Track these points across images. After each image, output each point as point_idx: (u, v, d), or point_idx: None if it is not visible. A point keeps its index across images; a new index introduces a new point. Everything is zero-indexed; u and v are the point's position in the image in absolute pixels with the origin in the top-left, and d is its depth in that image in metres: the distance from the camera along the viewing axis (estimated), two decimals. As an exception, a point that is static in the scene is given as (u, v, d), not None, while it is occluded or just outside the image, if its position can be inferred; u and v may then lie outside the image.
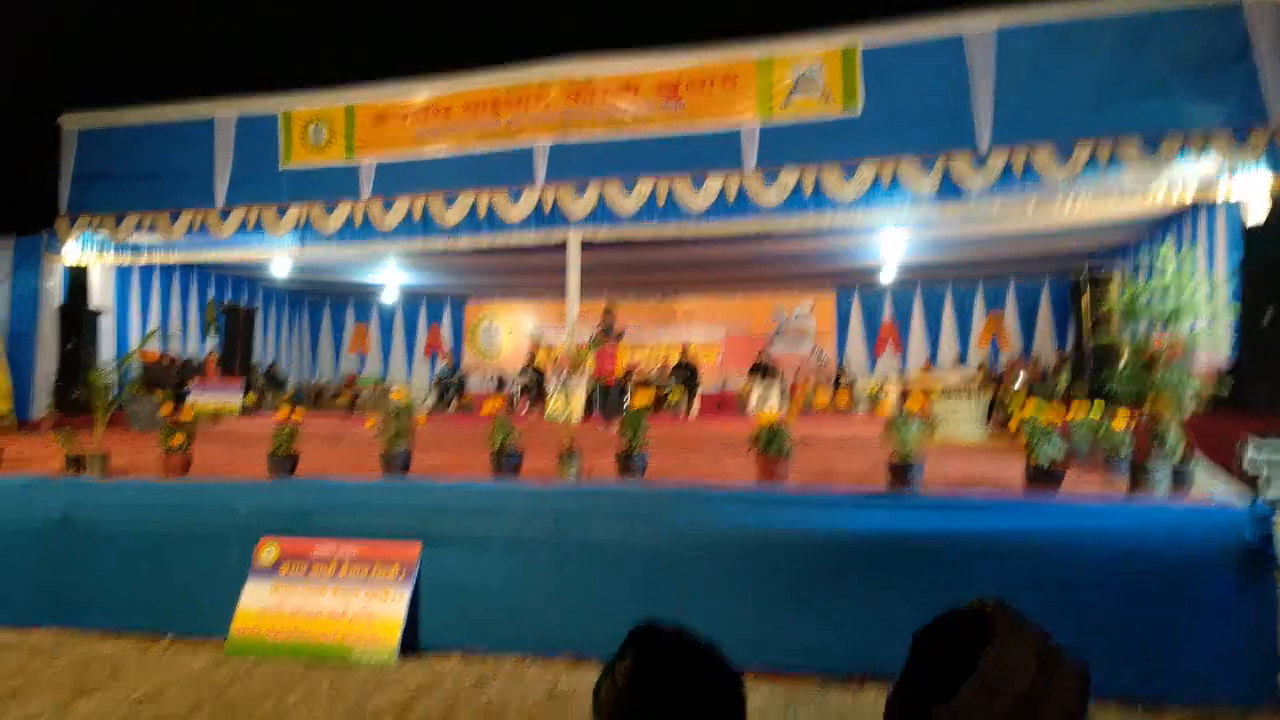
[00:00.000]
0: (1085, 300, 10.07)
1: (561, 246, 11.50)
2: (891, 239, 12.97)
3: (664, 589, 4.35)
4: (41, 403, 12.75)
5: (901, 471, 4.62)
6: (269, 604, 4.54)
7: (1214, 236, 9.98)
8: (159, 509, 5.06)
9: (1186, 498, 4.39)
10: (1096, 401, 5.99)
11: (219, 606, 4.49)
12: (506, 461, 4.95)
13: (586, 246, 11.60)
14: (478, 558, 4.54)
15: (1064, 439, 4.94)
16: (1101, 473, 5.43)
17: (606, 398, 11.60)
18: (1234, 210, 9.75)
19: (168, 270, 15.08)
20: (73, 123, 13.14)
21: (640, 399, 5.03)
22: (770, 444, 4.71)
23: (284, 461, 5.18)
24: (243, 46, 16.09)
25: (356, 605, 4.40)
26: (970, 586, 4.22)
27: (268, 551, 4.54)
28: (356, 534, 4.74)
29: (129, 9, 15.90)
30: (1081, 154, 9.60)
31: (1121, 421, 5.16)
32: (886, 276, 14.85)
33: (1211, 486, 4.61)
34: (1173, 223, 11.62)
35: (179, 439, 5.32)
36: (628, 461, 4.86)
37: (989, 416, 9.38)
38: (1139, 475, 4.37)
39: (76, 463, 5.51)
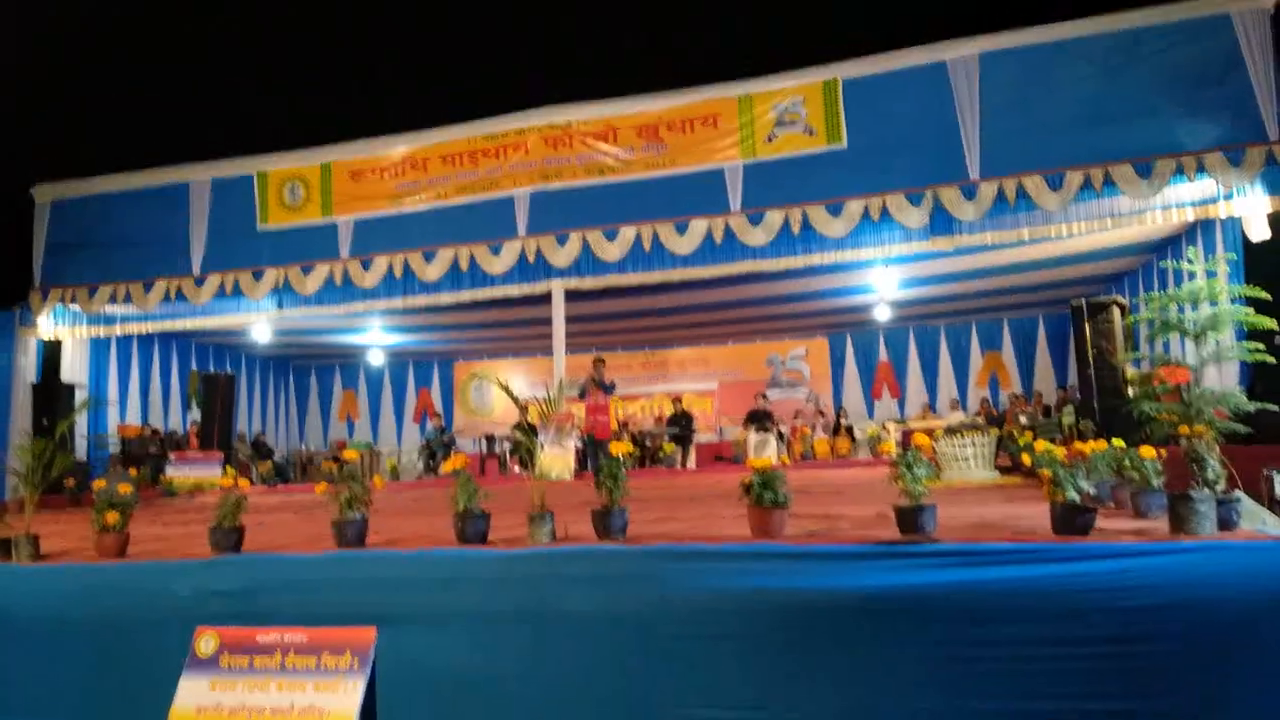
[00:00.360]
0: (1087, 329, 9.61)
1: (546, 297, 11.16)
2: (883, 276, 12.62)
3: (651, 663, 3.81)
4: (13, 483, 12.19)
5: (912, 517, 4.10)
6: (207, 701, 3.96)
7: (1214, 255, 9.57)
8: (88, 595, 4.53)
9: (1237, 533, 3.87)
10: (1115, 440, 5.47)
11: (156, 704, 3.91)
12: (472, 526, 4.42)
13: (572, 297, 11.28)
14: (440, 637, 4.00)
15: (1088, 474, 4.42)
16: (1130, 511, 4.90)
17: (599, 454, 11.09)
18: (1234, 226, 9.36)
19: (146, 340, 14.66)
20: (45, 194, 12.82)
21: (618, 448, 4.52)
22: (765, 493, 4.19)
23: (227, 536, 4.64)
24: (216, 109, 15.88)
25: (304, 700, 3.82)
26: (1000, 646, 3.69)
27: (205, 641, 3.97)
28: (307, 614, 4.18)
29: (101, 77, 15.70)
30: (1073, 180, 9.27)
31: (1150, 450, 4.65)
32: (880, 315, 14.48)
33: (1261, 519, 4.10)
34: (1170, 245, 11.25)
35: (113, 517, 4.79)
36: (605, 520, 4.33)
37: (995, 456, 8.87)
38: (1181, 510, 3.85)
39: (4, 547, 4.97)
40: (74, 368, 13.31)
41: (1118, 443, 5.31)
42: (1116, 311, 9.71)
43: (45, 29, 15.02)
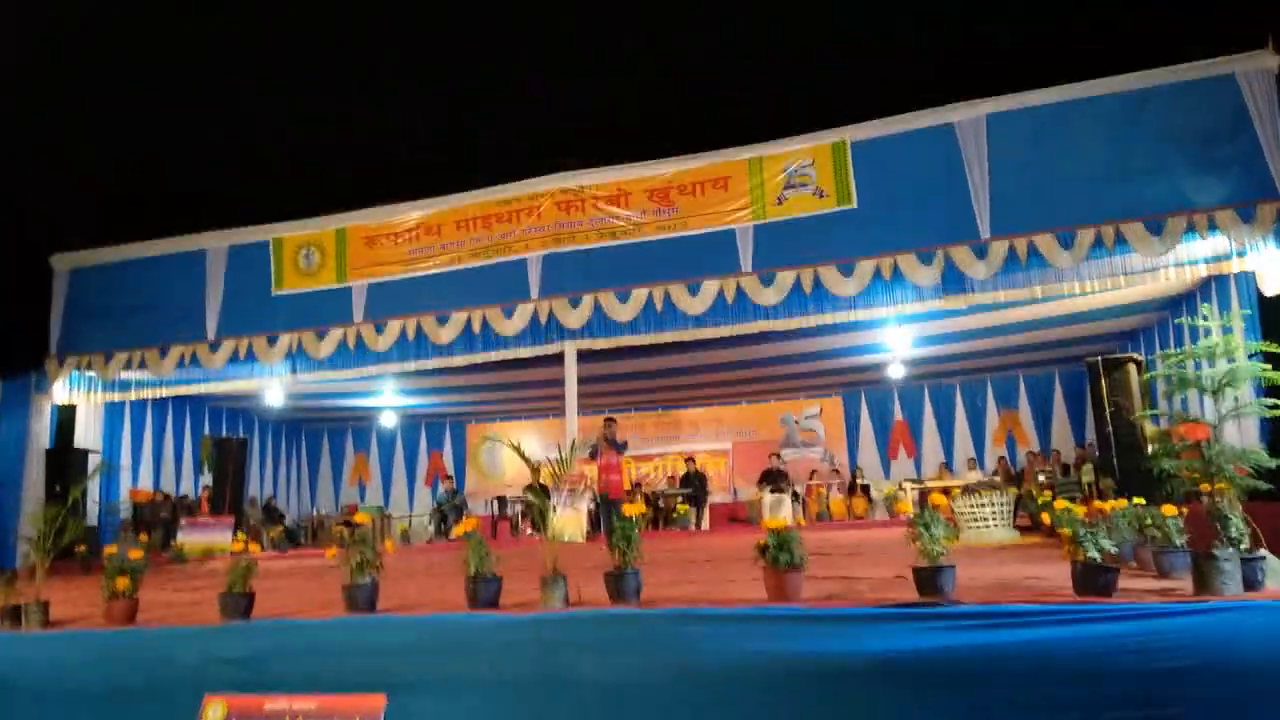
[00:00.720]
0: (1103, 386, 9.56)
1: (559, 358, 11.20)
2: (896, 334, 12.62)
3: (667, 731, 3.72)
4: (25, 549, 12.18)
5: (931, 578, 4.04)
6: (214, 770, 3.90)
7: (1229, 309, 9.54)
8: (97, 662, 4.49)
9: (1263, 592, 3.80)
10: (1135, 498, 5.41)
11: (163, 775, 3.85)
12: (484, 590, 4.39)
13: (584, 357, 11.32)
14: (450, 704, 3.94)
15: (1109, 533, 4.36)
16: (1153, 570, 4.82)
17: (612, 514, 11.00)
18: (1248, 281, 9.35)
19: (160, 403, 14.74)
20: (63, 262, 13.03)
21: (631, 509, 4.49)
22: (781, 554, 4.15)
23: (237, 601, 4.62)
24: (233, 177, 16.18)
25: (314, 768, 3.76)
26: (1022, 710, 3.60)
27: (214, 709, 3.94)
28: (316, 681, 4.14)
29: (118, 146, 16.05)
30: (1085, 238, 9.31)
31: (1171, 509, 4.59)
32: (894, 373, 14.45)
33: (1288, 578, 4.02)
34: (1184, 301, 11.23)
35: (123, 583, 4.77)
36: (619, 582, 4.29)
37: (1014, 516, 8.76)
38: (1205, 569, 3.79)
39: (14, 614, 4.95)
40: (88, 433, 13.37)
41: (1138, 501, 5.25)
42: (1132, 368, 9.67)
43: (55, 94, 15.42)
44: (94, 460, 12.71)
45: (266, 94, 17.08)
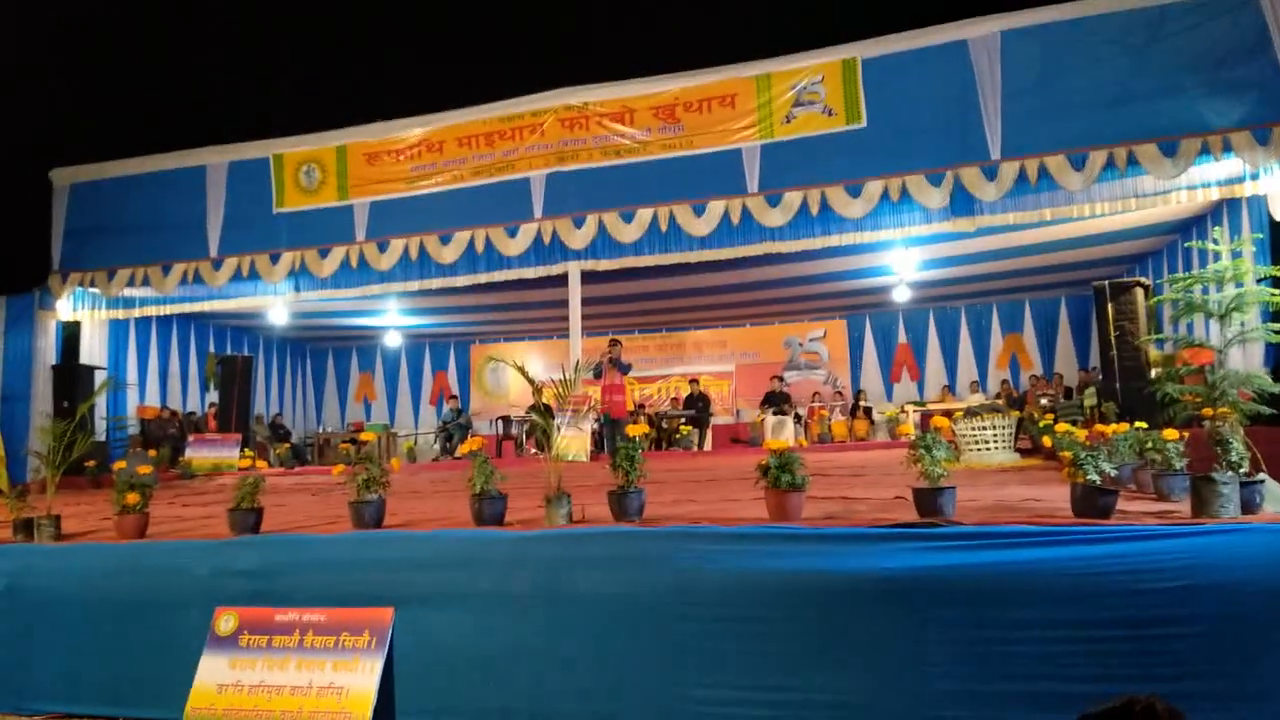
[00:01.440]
0: (1110, 310, 9.53)
1: (562, 279, 11.17)
2: (903, 257, 12.54)
3: (668, 644, 3.82)
4: (35, 464, 12.33)
5: (931, 499, 4.09)
6: (227, 679, 4.01)
7: (1240, 233, 9.46)
8: (110, 575, 4.58)
9: (1260, 515, 3.84)
10: (1137, 422, 5.43)
11: (177, 684, 3.97)
12: (489, 507, 4.44)
13: (588, 278, 11.28)
14: (456, 617, 4.03)
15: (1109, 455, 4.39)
16: (1152, 494, 4.87)
17: (615, 434, 11.10)
18: (1260, 205, 9.24)
19: (164, 322, 14.77)
20: (63, 178, 12.90)
21: (635, 430, 4.52)
22: (782, 475, 4.18)
23: (246, 517, 4.68)
24: (233, 92, 15.91)
25: (323, 678, 3.86)
26: (1021, 629, 3.68)
27: (225, 621, 4.02)
28: (325, 595, 4.23)
29: (118, 60, 15.75)
30: (1096, 160, 9.16)
31: (1173, 433, 4.61)
32: (899, 297, 14.38)
33: (1286, 502, 4.05)
34: (1194, 225, 11.12)
35: (134, 498, 4.84)
36: (622, 501, 4.34)
37: (1016, 439, 8.81)
38: (1204, 492, 3.82)
39: (26, 527, 5.03)
40: (93, 350, 13.43)
41: (1140, 425, 5.27)
42: (1140, 292, 9.63)
43: (62, 15, 15.07)
44: (100, 377, 12.78)
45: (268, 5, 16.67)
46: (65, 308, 12.93)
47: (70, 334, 13.09)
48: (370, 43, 17.52)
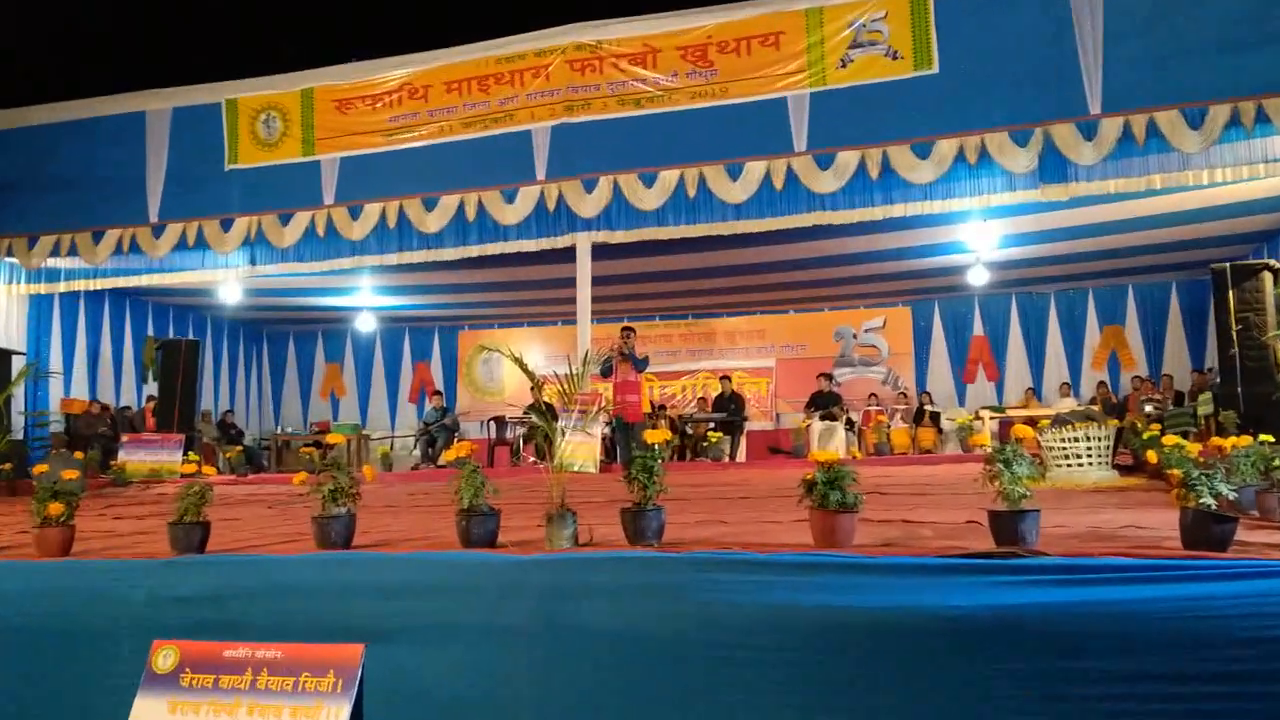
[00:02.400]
0: (1230, 299, 9.47)
1: (569, 254, 11.23)
2: (980, 232, 12.49)
3: (688, 690, 3.83)
4: (-61, 466, 12.50)
5: (1010, 524, 4.08)
6: (166, 724, 4.05)
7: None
8: (27, 599, 4.62)
9: None
10: (1262, 435, 5.41)
11: (106, 727, 4.03)
12: (478, 526, 4.48)
13: (600, 253, 11.32)
14: (439, 655, 4.05)
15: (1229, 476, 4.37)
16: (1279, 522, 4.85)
17: (629, 440, 11.15)
18: None
19: (95, 299, 14.91)
20: (-24, 125, 13.05)
21: (654, 436, 4.54)
22: (831, 493, 4.20)
23: (189, 533, 4.74)
24: (179, 23, 16.02)
25: (280, 726, 3.90)
26: (1112, 682, 3.67)
27: (164, 655, 4.05)
28: (282, 626, 4.26)
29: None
30: (1218, 116, 9.11)
31: (1308, 450, 4.58)
32: (975, 280, 14.33)
33: None
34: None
35: (56, 508, 4.89)
36: (637, 521, 4.37)
37: (1114, 453, 8.78)
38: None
39: (-68, 540, 5.09)
40: (10, 331, 13.57)
41: (1266, 438, 5.24)
42: (1268, 278, 9.56)
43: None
44: (18, 364, 12.90)
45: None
46: (-23, 281, 13.10)
47: (-17, 312, 13.24)
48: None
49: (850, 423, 14.83)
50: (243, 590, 4.48)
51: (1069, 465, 8.28)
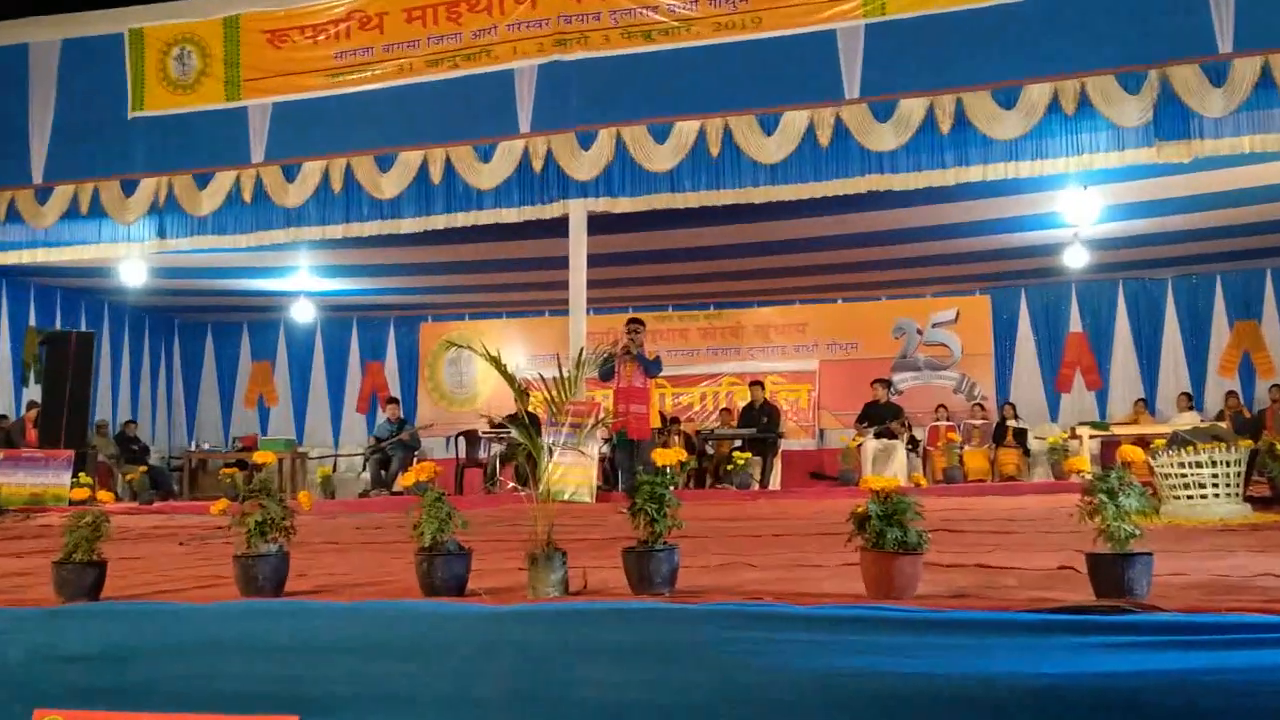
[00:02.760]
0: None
1: (561, 226, 11.27)
2: (1079, 202, 12.47)
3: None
4: None
5: (1115, 571, 4.08)
6: (48, 815, 4.09)
7: None
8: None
9: None
10: None
11: (-26, 817, 4.06)
12: (443, 569, 4.50)
13: (599, 226, 11.34)
14: (394, 732, 4.06)
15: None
16: None
17: (635, 463, 11.14)
18: None
19: (-37, 281, 14.97)
20: None
21: (665, 456, 4.55)
22: (888, 530, 4.20)
23: (81, 575, 4.75)
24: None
25: (192, 818, 3.94)
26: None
27: (47, 728, 4.09)
28: (198, 692, 4.28)
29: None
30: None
31: None
32: (1072, 262, 14.31)
33: None
34: None
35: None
36: (643, 564, 4.39)
37: (1247, 482, 8.77)
38: None
39: None
40: None
41: None
42: None
43: None
44: None
45: None
46: None
47: None
48: None
49: (913, 442, 14.83)
50: (146, 647, 4.49)
51: (1190, 497, 8.27)
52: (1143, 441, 9.27)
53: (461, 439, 15.87)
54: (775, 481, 14.42)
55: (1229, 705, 3.58)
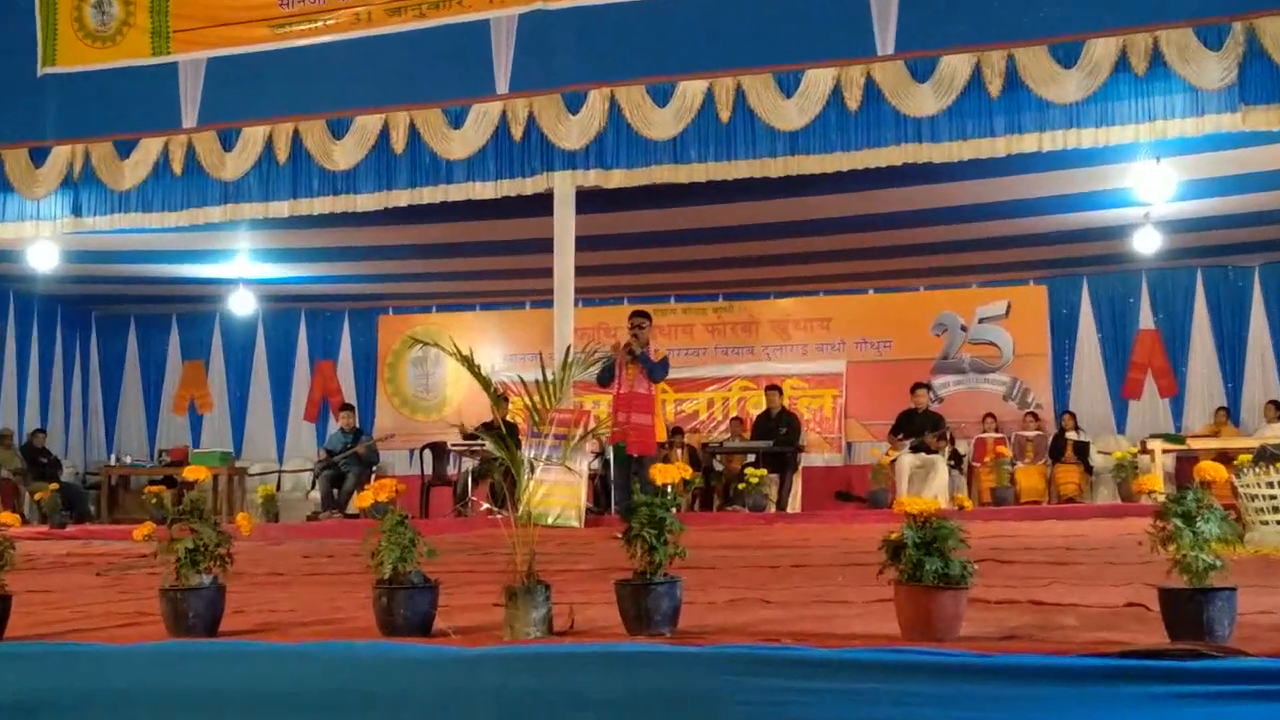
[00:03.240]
0: None
1: (545, 203, 11.30)
2: (1151, 176, 12.48)
3: None
4: None
5: (1192, 609, 4.09)
6: None
7: None
8: None
9: None
10: None
11: None
12: (406, 605, 4.51)
13: (590, 203, 11.36)
14: (347, 795, 4.08)
15: None
16: None
17: (633, 481, 11.14)
18: None
19: None
20: None
21: (666, 473, 4.56)
22: (927, 560, 4.22)
23: (-23, 610, 4.75)
24: None
25: None
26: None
27: (-61, 789, 4.11)
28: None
29: None
30: None
31: None
32: (1143, 246, 14.32)
33: None
34: None
35: None
36: (640, 599, 4.40)
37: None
38: None
39: None
40: None
41: None
42: None
43: None
44: None
45: None
46: None
47: None
48: None
49: (956, 457, 14.84)
50: (58, 694, 4.50)
51: (1279, 522, 8.29)
52: (1225, 457, 9.28)
53: (428, 452, 15.86)
54: (795, 503, 14.44)
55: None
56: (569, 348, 8.30)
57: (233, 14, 11.82)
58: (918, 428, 14.49)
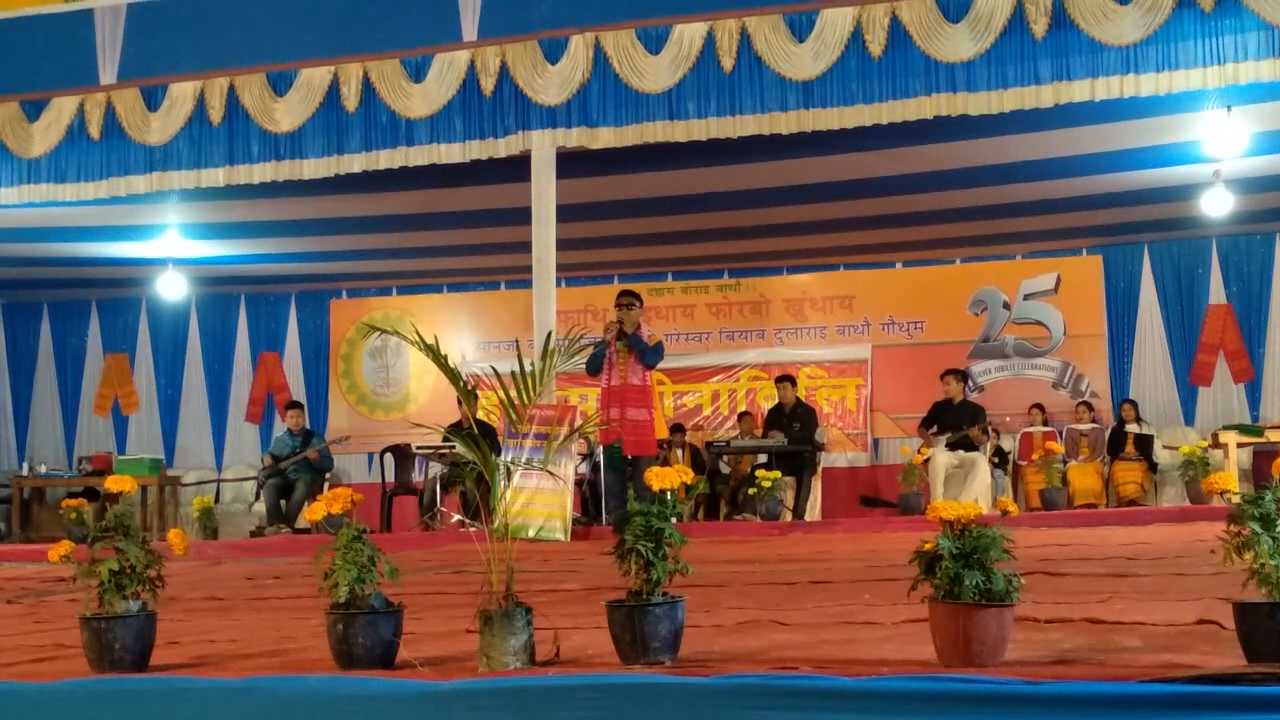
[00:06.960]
0: None
1: (521, 168, 11.31)
2: (1220, 129, 12.50)
3: None
4: None
5: (1272, 628, 4.11)
6: None
7: None
8: None
9: None
10: None
11: None
12: (365, 632, 4.52)
13: (571, 167, 11.38)
14: None
15: None
16: None
17: (626, 485, 11.16)
18: None
19: None
20: None
21: (665, 477, 4.57)
22: (966, 574, 4.23)
23: None
24: None
25: None
26: None
27: None
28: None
29: None
30: None
31: None
32: (1213, 209, 14.34)
33: None
34: None
35: None
36: (635, 622, 4.41)
37: None
38: None
39: None
40: None
41: None
42: None
43: None
44: None
45: None
46: None
47: None
48: None
49: (999, 454, 14.86)
50: (-36, 742, 4.52)
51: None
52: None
53: (389, 456, 15.88)
54: (814, 510, 14.46)
55: None
56: (550, 333, 8.35)
57: (157, -50, 11.83)
58: (954, 421, 14.49)
